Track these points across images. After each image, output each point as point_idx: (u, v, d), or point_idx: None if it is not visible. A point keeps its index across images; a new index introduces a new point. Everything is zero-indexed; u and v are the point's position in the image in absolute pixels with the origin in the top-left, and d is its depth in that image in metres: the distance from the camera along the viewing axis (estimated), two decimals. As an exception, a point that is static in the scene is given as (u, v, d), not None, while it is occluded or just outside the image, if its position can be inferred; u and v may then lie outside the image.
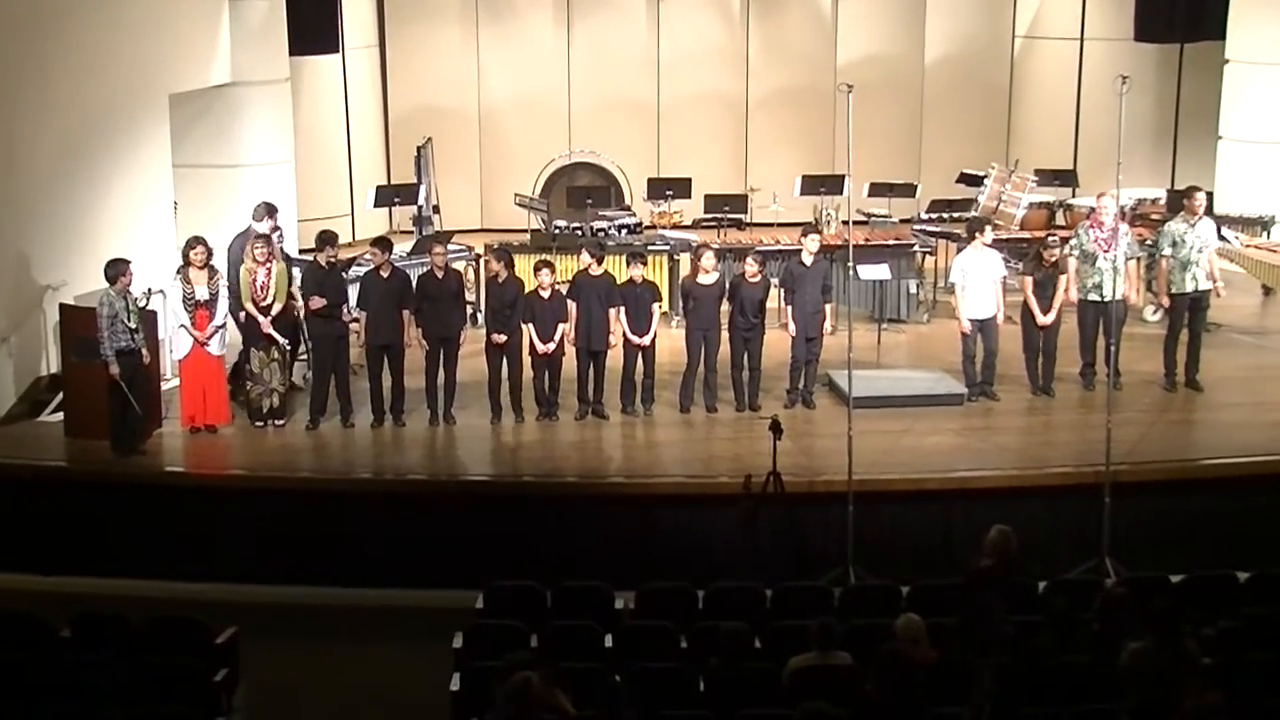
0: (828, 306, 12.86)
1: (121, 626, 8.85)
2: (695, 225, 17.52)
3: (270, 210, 13.38)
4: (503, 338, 12.49)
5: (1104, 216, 12.83)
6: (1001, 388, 13.07)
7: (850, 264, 12.34)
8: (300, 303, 12.66)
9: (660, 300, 13.02)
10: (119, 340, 11.64)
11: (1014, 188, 16.92)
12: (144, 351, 11.81)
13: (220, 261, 12.83)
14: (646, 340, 12.66)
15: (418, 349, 12.60)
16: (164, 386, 12.82)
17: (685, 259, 15.10)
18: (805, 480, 11.09)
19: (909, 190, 17.69)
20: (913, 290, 15.54)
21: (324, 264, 12.61)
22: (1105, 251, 12.71)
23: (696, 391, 12.87)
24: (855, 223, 15.34)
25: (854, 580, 10.29)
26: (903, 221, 17.07)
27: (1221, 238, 14.19)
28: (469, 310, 13.47)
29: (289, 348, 12.78)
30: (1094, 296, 12.82)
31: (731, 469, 11.36)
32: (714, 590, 9.49)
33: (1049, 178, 17.68)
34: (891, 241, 15.71)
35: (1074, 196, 17.94)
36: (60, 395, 12.72)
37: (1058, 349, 13.04)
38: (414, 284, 12.85)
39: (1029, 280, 13.03)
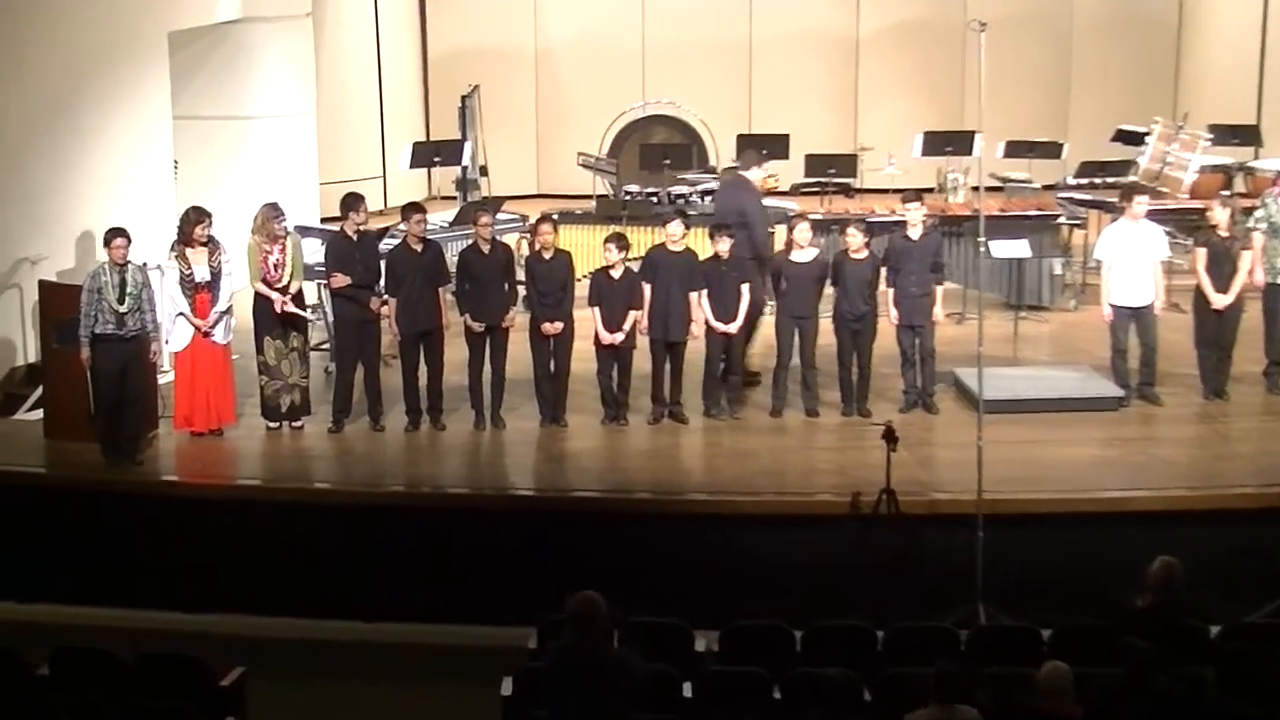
0: (939, 290, 12.81)
1: (108, 664, 8.93)
2: (794, 191, 17.51)
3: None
4: (557, 326, 12.54)
5: (1295, 182, 12.68)
6: (1165, 389, 12.95)
7: (981, 239, 12.21)
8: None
9: (750, 281, 13.02)
10: (101, 322, 11.75)
11: (1182, 147, 16.71)
12: (142, 339, 11.92)
13: (222, 231, 12.79)
14: (734, 329, 12.66)
15: (459, 338, 12.69)
16: (161, 381, 12.96)
17: (781, 232, 15.09)
18: (925, 499, 11.07)
19: (1053, 150, 17.58)
20: (1057, 271, 15.47)
21: (350, 234, 12.70)
22: (1300, 225, 12.58)
23: (793, 392, 12.87)
24: (988, 189, 15.25)
25: (984, 620, 10.22)
26: (1045, 188, 17.00)
27: None
28: (520, 292, 13.52)
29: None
30: (1285, 279, 12.71)
31: (836, 484, 11.35)
32: (814, 630, 9.45)
33: (1225, 135, 17.49)
34: (1032, 212, 15.63)
35: (1257, 158, 17.73)
36: (39, 389, 12.91)
37: (1235, 342, 12.91)
38: (454, 259, 12.93)
39: (1201, 254, 12.87)
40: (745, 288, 12.70)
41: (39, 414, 12.75)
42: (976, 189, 14.39)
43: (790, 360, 12.79)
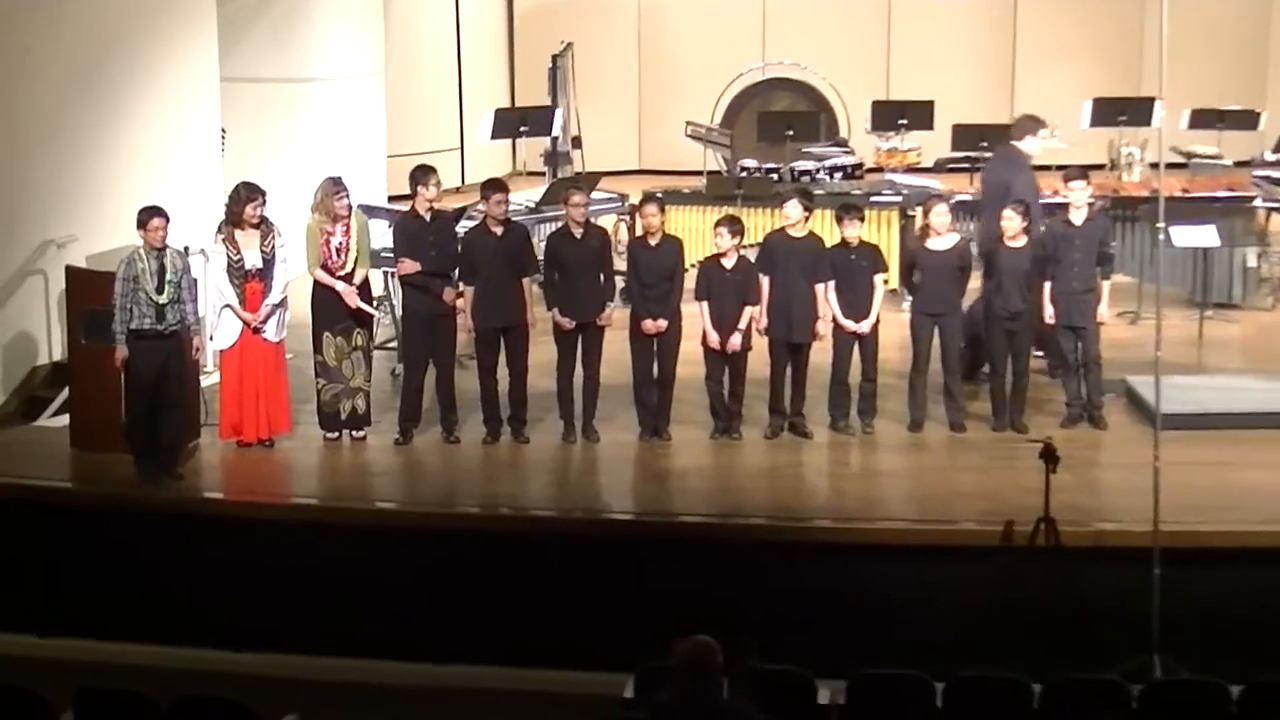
0: (1105, 284, 12.71)
1: (140, 707, 8.98)
2: (939, 168, 17.42)
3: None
4: (661, 324, 12.52)
5: None
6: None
7: (1160, 225, 12.08)
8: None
9: (885, 271, 12.97)
10: (137, 316, 11.82)
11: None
12: (182, 335, 11.99)
13: (276, 211, 12.82)
14: (865, 327, 12.61)
15: (546, 336, 12.74)
16: (204, 383, 13.10)
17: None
18: (1090, 529, 10.98)
19: (1248, 120, 17.42)
20: (1250, 263, 15.34)
21: (421, 213, 12.73)
22: None
23: (933, 401, 12.81)
24: (1168, 166, 15.03)
25: (1159, 673, 10.09)
26: (1237, 165, 16.85)
27: None
28: (618, 284, 13.53)
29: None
30: None
31: (984, 511, 11.28)
32: (958, 681, 9.36)
33: None
34: (1221, 193, 15.53)
35: None
36: (65, 391, 13.04)
37: None
38: (542, 245, 12.97)
39: None
40: (879, 279, 12.64)
41: (64, 420, 12.89)
42: (1155, 166, 14.21)
43: (928, 365, 12.75)
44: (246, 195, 12.42)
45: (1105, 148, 17.47)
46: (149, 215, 11.86)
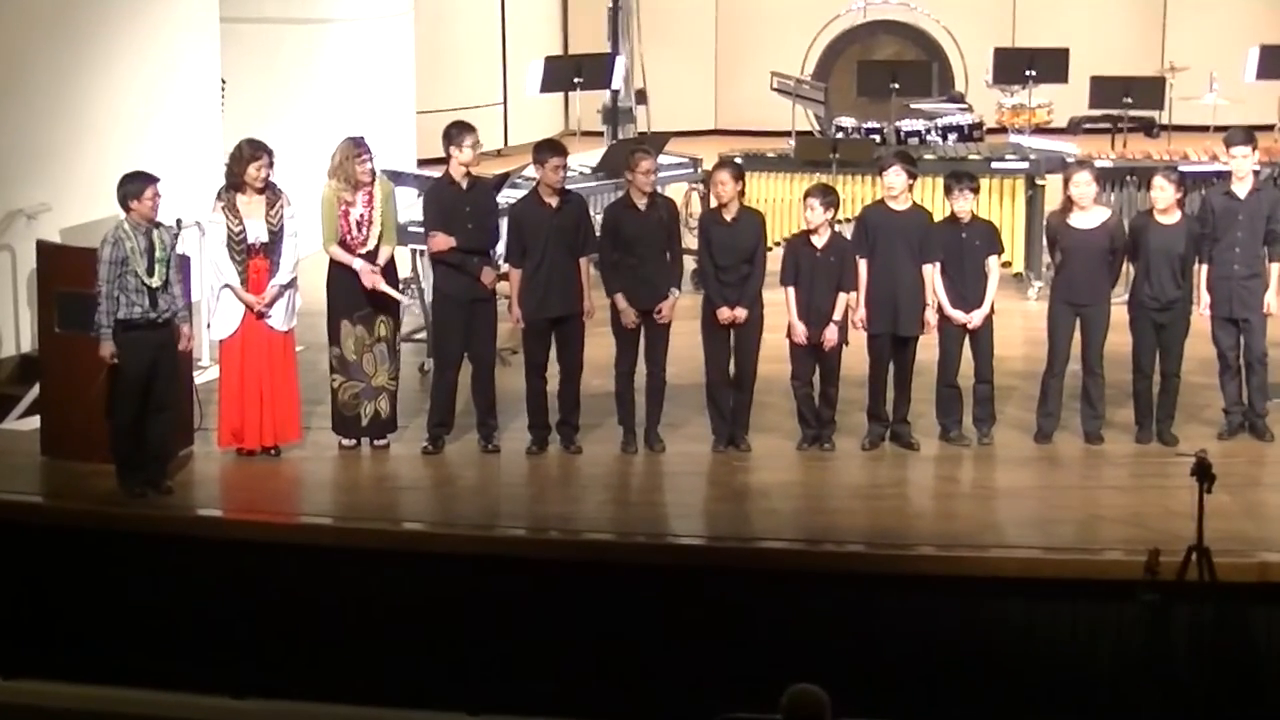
0: (1273, 268, 12.73)
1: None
2: (1074, 128, 17.51)
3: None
4: (740, 313, 12.65)
5: None
6: None
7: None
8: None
9: (1002, 252, 13.09)
10: (125, 304, 11.87)
11: None
12: (177, 326, 12.10)
13: (285, 176, 12.95)
14: (977, 319, 12.72)
15: (604, 327, 12.88)
16: (198, 380, 13.27)
17: (1055, 184, 15.10)
18: (1253, 560, 11.04)
19: None
20: None
21: (456, 179, 12.82)
22: None
23: (1066, 408, 12.92)
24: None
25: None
26: None
27: None
28: (688, 265, 13.61)
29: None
30: None
31: (1127, 538, 11.36)
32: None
33: None
34: None
35: None
36: (35, 389, 13.19)
37: None
38: (599, 219, 13.11)
39: None
40: (993, 262, 12.72)
41: (34, 422, 13.03)
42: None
43: (1067, 364, 12.82)
44: (250, 154, 12.45)
45: (1275, 105, 17.51)
46: (142, 184, 11.84)
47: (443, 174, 13.00)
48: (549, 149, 12.85)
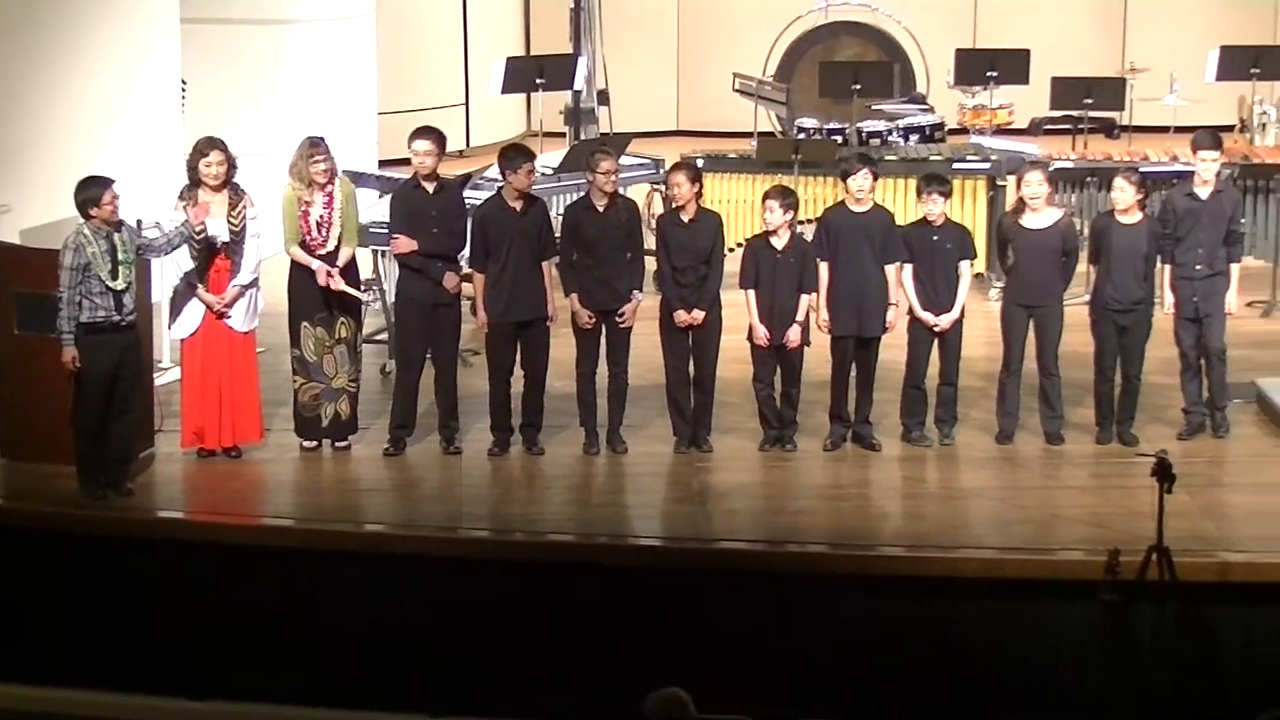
0: (1233, 268, 12.73)
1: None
2: (1035, 129, 17.50)
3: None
4: (697, 315, 12.63)
5: None
6: None
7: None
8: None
9: (974, 257, 13.09)
10: (89, 308, 11.79)
11: None
12: (138, 325, 12.05)
13: (247, 177, 12.87)
14: (947, 322, 12.72)
15: (565, 329, 12.82)
16: (159, 381, 13.22)
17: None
18: (1213, 560, 11.03)
19: None
20: None
21: (419, 182, 12.80)
22: None
23: (1027, 409, 12.93)
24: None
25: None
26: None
27: None
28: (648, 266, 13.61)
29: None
30: None
31: (1088, 539, 11.35)
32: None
33: None
34: (1372, 161, 15.49)
35: None
36: (-7, 392, 13.11)
37: None
38: (559, 219, 13.13)
39: None
40: (965, 266, 12.72)
41: (-8, 426, 12.92)
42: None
43: (1022, 364, 12.80)
44: (203, 148, 12.41)
45: (1235, 105, 17.54)
46: (100, 189, 11.78)
47: (410, 177, 12.95)
48: (519, 154, 12.78)
